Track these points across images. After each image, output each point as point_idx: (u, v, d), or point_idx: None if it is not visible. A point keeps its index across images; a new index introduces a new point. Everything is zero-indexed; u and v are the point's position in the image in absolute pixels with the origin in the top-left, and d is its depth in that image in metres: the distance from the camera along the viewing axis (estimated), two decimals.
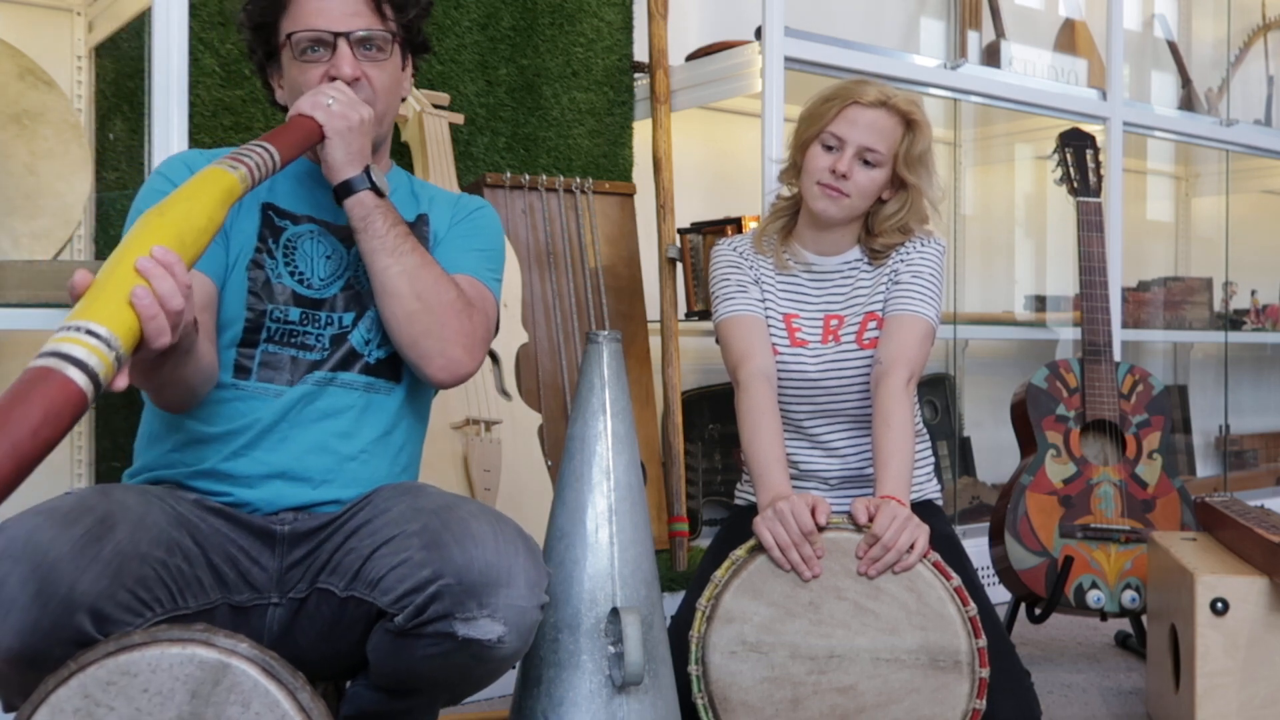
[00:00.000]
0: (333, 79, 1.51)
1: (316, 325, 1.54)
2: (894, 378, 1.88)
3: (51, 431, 0.92)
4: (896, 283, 1.99)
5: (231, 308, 1.50)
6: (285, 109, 1.64)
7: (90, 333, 1.00)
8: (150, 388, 1.37)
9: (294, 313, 1.53)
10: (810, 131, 1.97)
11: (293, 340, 1.52)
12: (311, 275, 1.55)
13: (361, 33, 1.52)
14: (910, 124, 1.95)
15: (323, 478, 1.51)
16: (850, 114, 1.93)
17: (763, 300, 2.02)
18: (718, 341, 2.04)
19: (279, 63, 1.58)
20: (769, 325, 2.01)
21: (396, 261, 1.48)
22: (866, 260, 2.03)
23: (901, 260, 2.00)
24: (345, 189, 1.47)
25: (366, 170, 1.48)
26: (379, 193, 1.49)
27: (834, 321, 2.02)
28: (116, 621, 1.24)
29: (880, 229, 2.01)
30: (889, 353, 1.92)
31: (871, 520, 1.69)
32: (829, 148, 1.95)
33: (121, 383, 1.05)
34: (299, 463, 1.50)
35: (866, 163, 1.94)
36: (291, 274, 1.54)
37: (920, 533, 1.68)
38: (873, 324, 2.00)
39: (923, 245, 2.01)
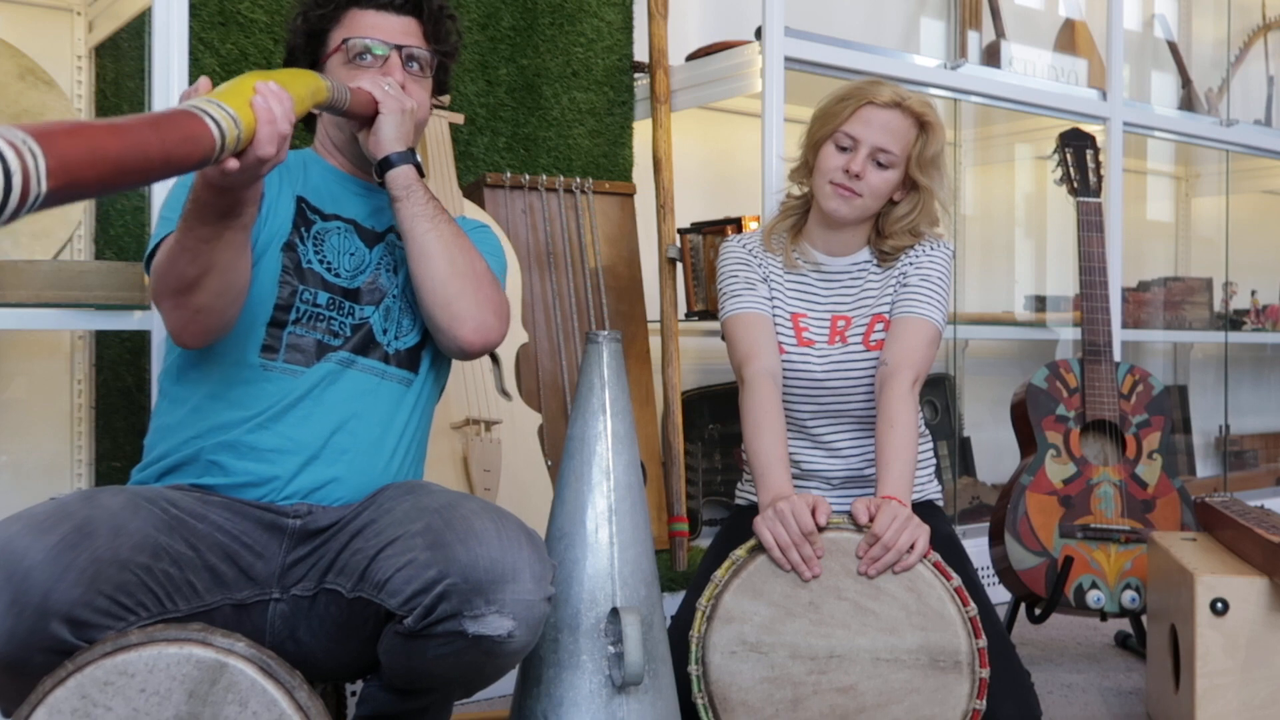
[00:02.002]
0: None
1: (341, 313, 1.58)
2: (899, 380, 1.88)
3: (187, 151, 1.04)
4: (904, 285, 1.99)
5: (264, 286, 1.54)
6: (310, 119, 1.72)
7: (221, 108, 1.13)
8: (204, 261, 1.36)
9: (323, 297, 1.57)
10: (824, 131, 1.97)
11: (318, 324, 1.56)
12: (338, 266, 1.60)
13: (412, 50, 1.63)
14: (924, 125, 1.96)
15: (339, 459, 1.54)
16: (864, 114, 1.93)
17: (770, 299, 2.02)
18: (724, 338, 2.04)
19: (322, 69, 1.64)
20: (776, 324, 2.01)
21: (435, 228, 1.56)
22: (875, 262, 2.03)
23: (910, 263, 2.00)
24: (388, 163, 1.55)
25: (411, 151, 1.57)
26: (420, 173, 1.58)
27: (841, 322, 2.02)
28: (97, 627, 1.25)
29: (891, 230, 2.01)
30: (895, 355, 1.92)
31: (872, 520, 1.69)
32: (842, 148, 1.95)
33: (232, 164, 1.19)
34: (319, 441, 1.53)
35: (879, 164, 1.94)
36: (321, 262, 1.59)
37: (920, 533, 1.68)
38: (880, 326, 2.00)
39: (932, 249, 2.01)
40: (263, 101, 1.20)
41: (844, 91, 1.97)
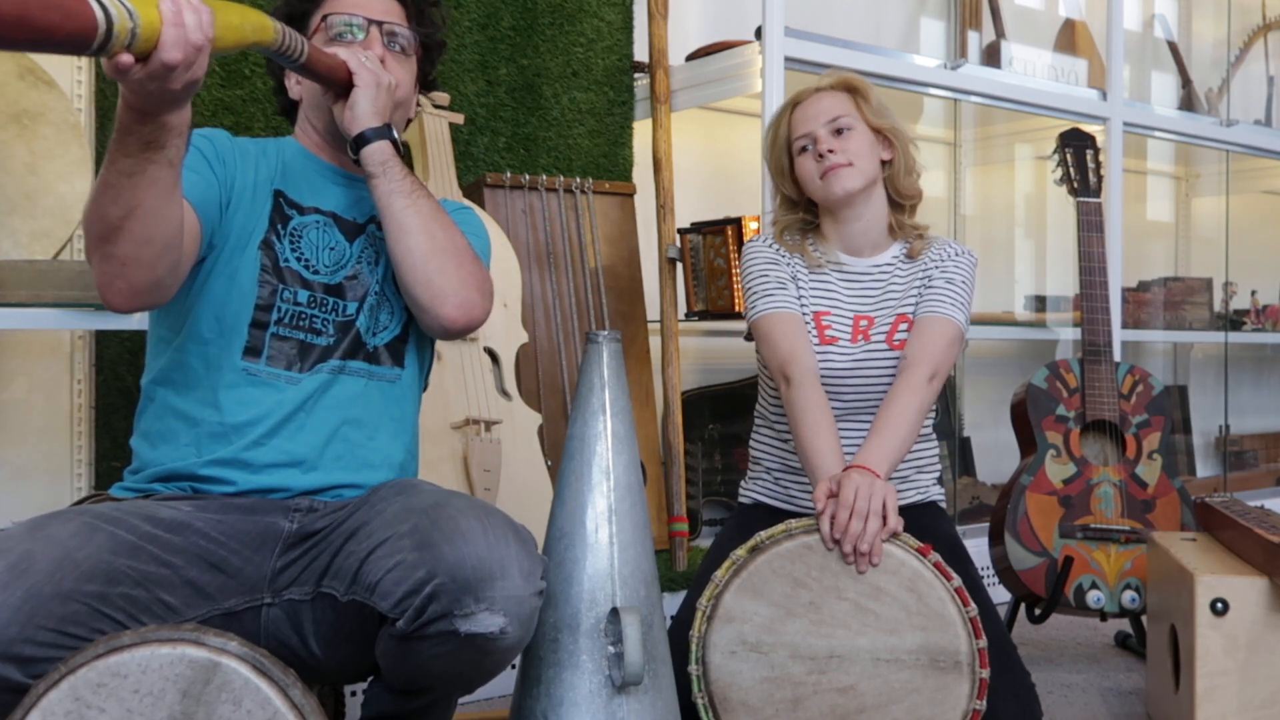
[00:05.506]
0: None
1: (324, 310, 1.57)
2: (914, 372, 1.90)
3: (53, 20, 1.00)
4: (929, 286, 2.00)
5: (244, 285, 1.53)
6: (291, 110, 1.69)
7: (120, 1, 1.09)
8: (127, 200, 1.29)
9: (303, 295, 1.56)
10: (782, 157, 2.05)
11: (301, 323, 1.55)
12: (317, 262, 1.58)
13: (393, 27, 1.63)
14: (851, 89, 2.04)
15: (336, 465, 1.54)
16: (797, 114, 2.04)
17: (798, 298, 2.03)
18: (747, 338, 2.04)
19: None
20: None
21: (413, 204, 1.54)
22: (903, 260, 2.04)
23: (936, 266, 2.02)
24: (363, 139, 1.52)
25: (388, 126, 1.54)
26: (397, 149, 1.55)
27: (863, 322, 2.03)
28: (47, 661, 1.23)
29: (901, 186, 2.04)
30: (914, 350, 1.94)
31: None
32: (804, 149, 2.01)
33: (125, 59, 1.12)
34: (315, 451, 1.53)
35: (842, 130, 1.99)
36: (298, 259, 1.57)
37: (886, 491, 1.68)
38: (904, 326, 2.00)
39: (957, 254, 2.03)
40: (172, 5, 1.14)
41: (772, 120, 2.10)
